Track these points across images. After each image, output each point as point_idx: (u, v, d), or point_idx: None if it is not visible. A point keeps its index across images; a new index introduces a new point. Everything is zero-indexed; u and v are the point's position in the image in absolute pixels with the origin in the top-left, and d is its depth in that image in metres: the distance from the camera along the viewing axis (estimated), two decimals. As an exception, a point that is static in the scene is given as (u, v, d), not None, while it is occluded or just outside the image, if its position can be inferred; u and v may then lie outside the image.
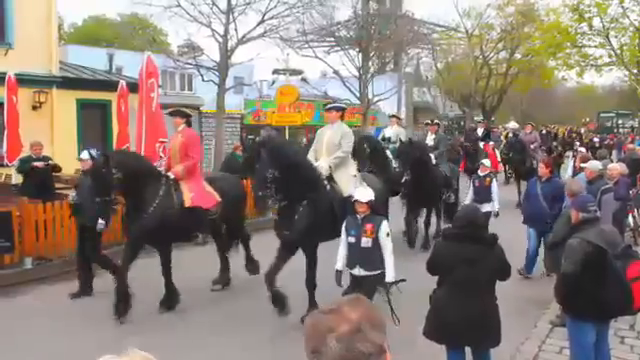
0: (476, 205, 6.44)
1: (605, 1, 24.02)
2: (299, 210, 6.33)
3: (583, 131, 37.62)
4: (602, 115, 48.61)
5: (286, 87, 22.29)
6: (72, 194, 7.99)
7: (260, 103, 25.97)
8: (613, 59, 25.47)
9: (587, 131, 38.92)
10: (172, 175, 7.10)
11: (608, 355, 4.90)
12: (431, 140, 11.30)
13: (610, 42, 24.80)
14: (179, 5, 16.44)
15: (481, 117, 35.74)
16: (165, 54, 19.29)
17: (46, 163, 10.13)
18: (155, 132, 9.89)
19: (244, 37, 17.31)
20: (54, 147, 12.90)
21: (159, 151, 9.62)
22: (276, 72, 29.36)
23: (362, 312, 1.49)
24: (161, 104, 10.62)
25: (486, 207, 9.02)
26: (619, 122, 46.81)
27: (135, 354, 1.43)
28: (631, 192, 9.58)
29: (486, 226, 5.05)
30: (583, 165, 9.03)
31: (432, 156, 10.47)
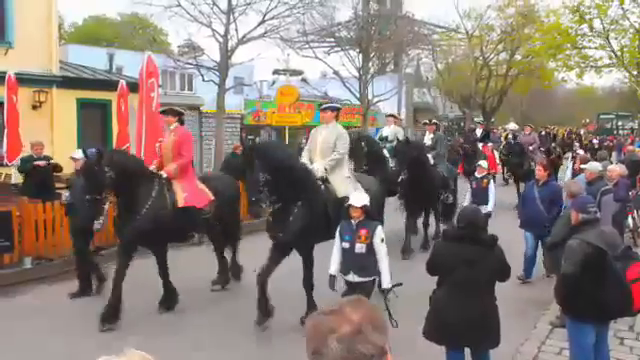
0: (476, 206, 6.43)
1: (605, 3, 24.02)
2: (294, 212, 6.25)
3: (582, 132, 37.65)
4: (602, 116, 48.74)
5: (286, 87, 22.33)
6: (65, 194, 7.94)
7: (260, 103, 25.95)
8: (613, 61, 25.47)
9: (587, 132, 38.97)
10: (165, 174, 6.99)
11: (608, 356, 4.90)
12: (429, 140, 11.22)
13: (610, 44, 24.80)
14: (179, 5, 16.44)
15: (481, 118, 35.75)
16: (165, 54, 19.26)
17: (47, 162, 10.13)
18: (155, 132, 9.87)
19: (244, 37, 17.31)
20: (54, 147, 12.88)
21: (159, 151, 9.59)
22: (276, 72, 29.33)
23: (363, 313, 1.48)
24: (161, 104, 10.61)
25: (484, 209, 9.01)
26: (619, 124, 46.97)
27: (133, 354, 1.44)
28: (630, 193, 9.58)
29: (486, 227, 5.04)
30: (583, 166, 9.04)
31: (430, 156, 10.41)
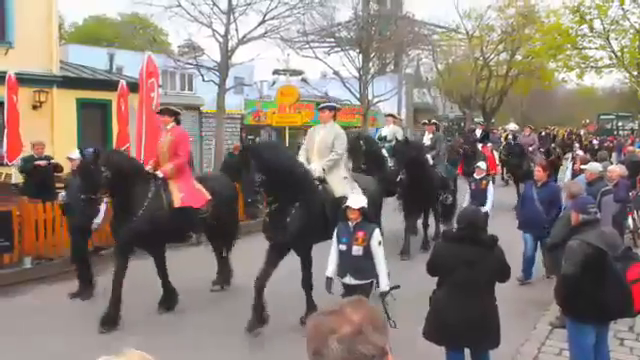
0: (476, 207, 6.43)
1: (605, 3, 24.03)
2: (291, 213, 6.18)
3: (582, 133, 37.64)
4: (602, 117, 48.75)
5: (286, 87, 22.30)
6: (62, 194, 7.93)
7: (260, 103, 25.95)
8: (613, 61, 25.49)
9: (586, 133, 38.96)
10: (161, 174, 6.95)
11: (608, 357, 4.90)
12: (428, 140, 11.13)
13: (610, 44, 24.82)
14: (180, 5, 16.42)
15: (481, 119, 35.72)
16: (165, 54, 19.27)
17: (48, 162, 10.13)
18: (155, 132, 9.83)
19: (245, 37, 17.30)
20: (54, 147, 12.88)
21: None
22: (276, 72, 29.30)
23: (364, 314, 1.48)
24: (161, 104, 10.60)
25: (482, 210, 8.99)
26: (619, 124, 46.98)
27: (132, 354, 1.44)
28: (631, 194, 9.58)
29: (486, 228, 5.04)
30: (583, 167, 9.03)
31: (429, 157, 10.36)
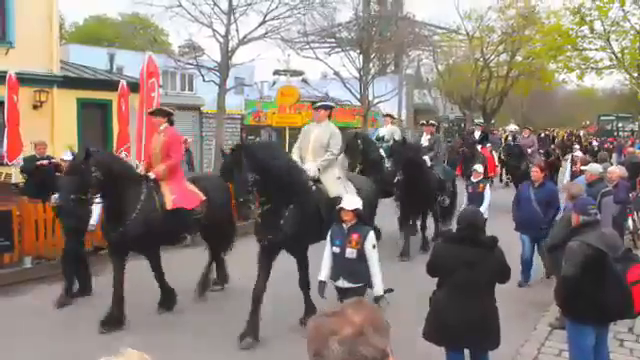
0: (476, 208, 6.42)
1: (606, 4, 24.00)
2: (285, 214, 6.07)
3: (582, 134, 37.66)
4: (602, 118, 48.74)
5: (287, 88, 22.26)
6: (54, 196, 7.92)
7: (261, 104, 25.95)
8: (614, 62, 25.45)
9: (586, 134, 38.98)
10: (153, 175, 6.87)
11: (607, 358, 4.90)
12: (426, 141, 11.01)
13: (611, 45, 24.79)
14: (180, 5, 16.40)
15: (481, 119, 35.70)
16: (166, 54, 19.25)
17: (49, 162, 10.12)
18: (155, 132, 9.87)
19: (245, 38, 17.29)
20: (54, 146, 12.87)
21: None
22: (277, 73, 29.31)
23: (365, 315, 1.47)
24: (162, 104, 10.60)
25: None
26: (619, 125, 46.94)
27: (131, 354, 1.44)
28: (631, 195, 9.59)
29: (484, 229, 5.02)
30: (583, 168, 9.03)
31: (427, 158, 10.28)
